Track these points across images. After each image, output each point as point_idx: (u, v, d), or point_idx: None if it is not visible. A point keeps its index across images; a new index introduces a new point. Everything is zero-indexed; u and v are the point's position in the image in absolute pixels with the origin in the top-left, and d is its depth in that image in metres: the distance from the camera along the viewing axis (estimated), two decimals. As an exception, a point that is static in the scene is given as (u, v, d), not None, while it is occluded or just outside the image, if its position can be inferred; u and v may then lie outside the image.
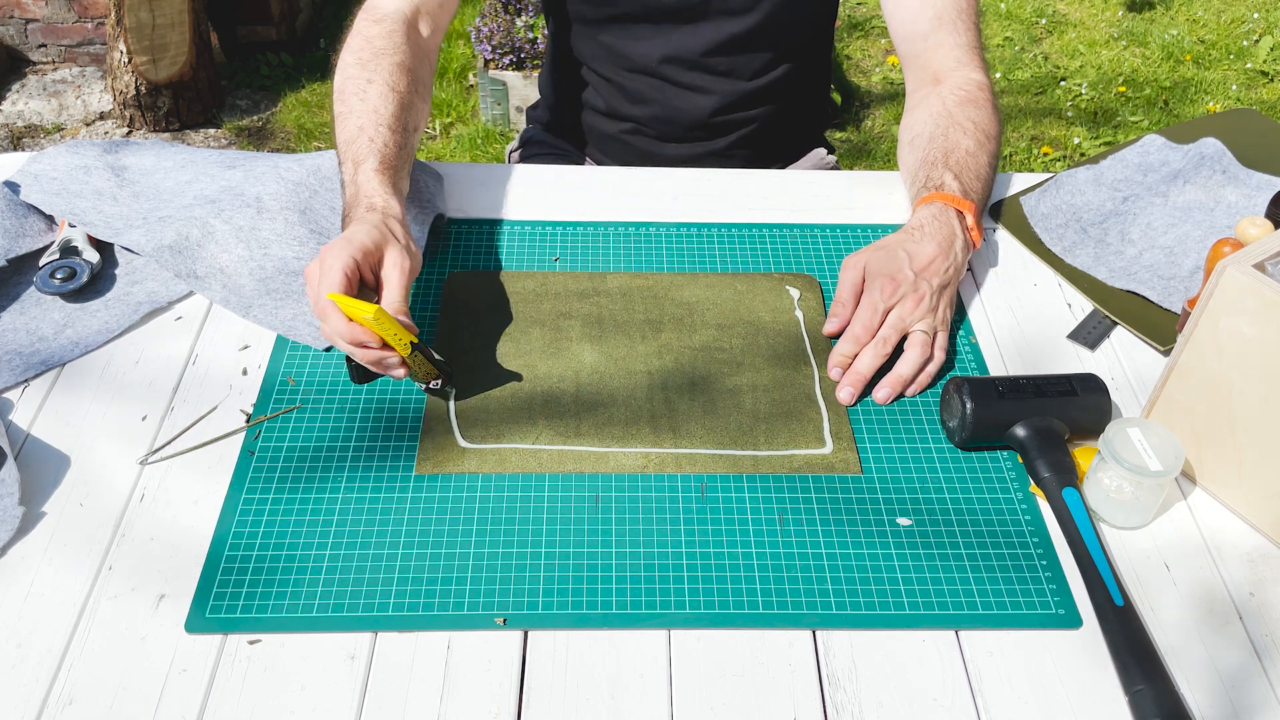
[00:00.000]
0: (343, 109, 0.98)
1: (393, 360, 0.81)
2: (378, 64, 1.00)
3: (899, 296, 0.91)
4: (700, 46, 1.19)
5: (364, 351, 0.80)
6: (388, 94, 0.98)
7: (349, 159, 0.94)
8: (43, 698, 0.67)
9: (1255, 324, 0.73)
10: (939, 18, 1.09)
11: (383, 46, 1.02)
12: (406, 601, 0.73)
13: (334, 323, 0.79)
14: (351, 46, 1.03)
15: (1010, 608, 0.74)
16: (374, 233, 0.84)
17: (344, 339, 0.80)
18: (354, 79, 1.00)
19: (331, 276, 0.80)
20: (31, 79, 2.94)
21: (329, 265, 0.81)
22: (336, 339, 0.81)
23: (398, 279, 0.84)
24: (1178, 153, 1.12)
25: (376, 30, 1.03)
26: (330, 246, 0.82)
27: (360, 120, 0.96)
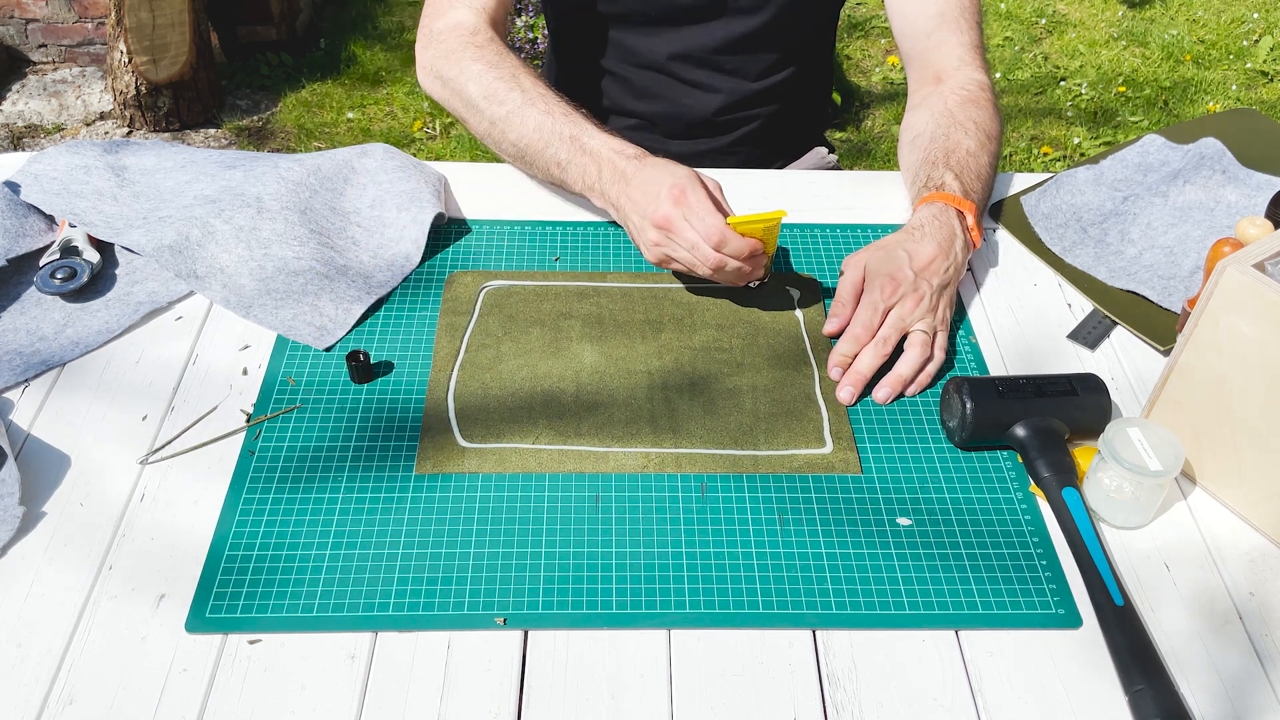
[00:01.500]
0: (502, 110, 1.01)
1: (765, 262, 0.91)
2: (506, 61, 1.04)
3: (899, 296, 0.91)
4: (710, 44, 1.19)
5: (754, 261, 0.88)
6: (538, 82, 1.02)
7: (555, 139, 0.98)
8: (43, 698, 0.67)
9: (1255, 324, 0.73)
10: (941, 16, 1.09)
11: (497, 51, 1.06)
12: (406, 601, 0.73)
13: (736, 244, 0.86)
14: (466, 57, 1.05)
15: (1010, 608, 0.74)
16: (683, 168, 0.91)
17: (743, 255, 0.87)
18: (499, 79, 1.02)
19: (709, 206, 0.87)
20: (31, 79, 2.94)
21: (699, 200, 0.87)
22: (729, 262, 0.87)
23: (722, 196, 0.92)
24: (1178, 153, 1.12)
25: (480, 39, 1.07)
26: (680, 188, 0.88)
27: (540, 105, 1.00)
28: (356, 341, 0.92)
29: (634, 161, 0.94)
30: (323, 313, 0.94)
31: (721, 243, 0.86)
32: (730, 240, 0.86)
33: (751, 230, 0.87)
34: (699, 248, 0.87)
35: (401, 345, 0.92)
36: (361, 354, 0.87)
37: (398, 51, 3.13)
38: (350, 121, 2.86)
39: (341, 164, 1.07)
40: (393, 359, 0.91)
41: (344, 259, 0.99)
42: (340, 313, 0.94)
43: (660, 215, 0.88)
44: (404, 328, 0.94)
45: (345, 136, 2.81)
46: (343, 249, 1.00)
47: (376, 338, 0.93)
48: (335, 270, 0.97)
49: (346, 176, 1.06)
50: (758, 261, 0.90)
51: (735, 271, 0.89)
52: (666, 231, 0.88)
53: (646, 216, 0.90)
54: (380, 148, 1.09)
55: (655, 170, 0.91)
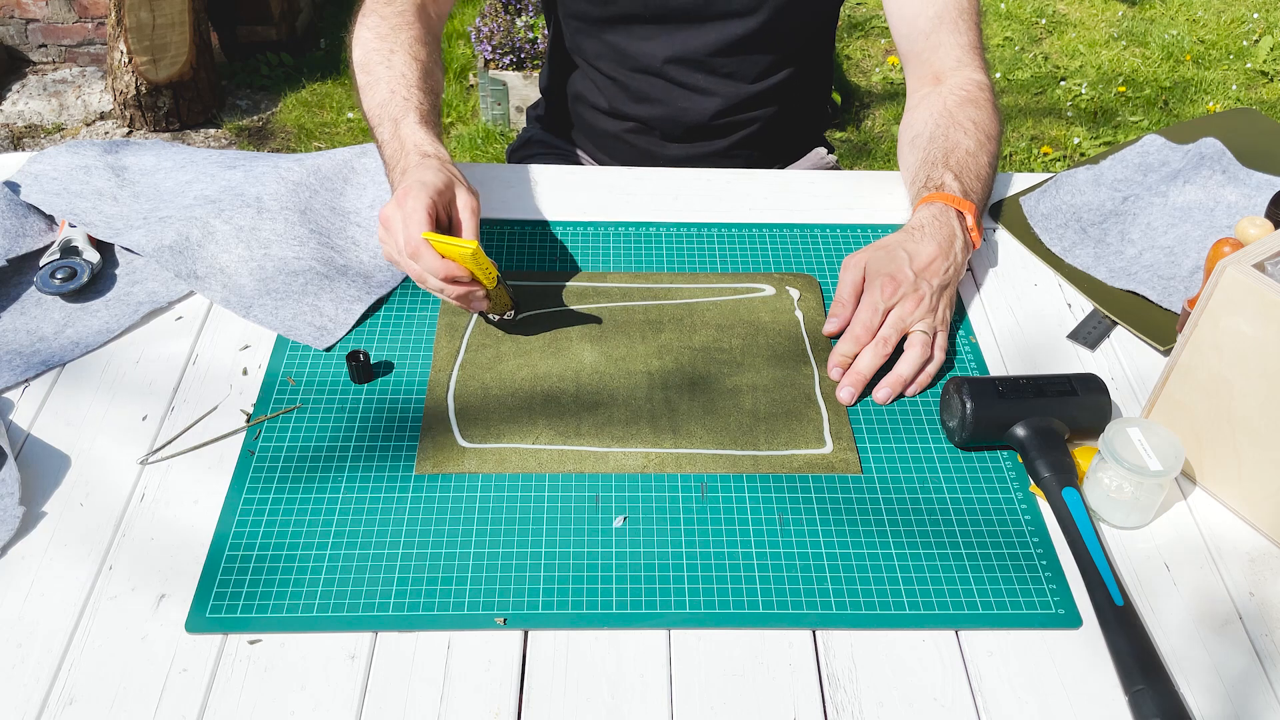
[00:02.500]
0: (367, 79, 1.02)
1: (479, 294, 0.87)
2: (397, 37, 1.04)
3: (899, 296, 0.91)
4: (705, 47, 1.19)
5: (454, 287, 0.84)
6: (411, 62, 1.02)
7: (385, 119, 0.98)
8: (43, 698, 0.67)
9: (1255, 324, 0.73)
10: (940, 17, 1.09)
11: (398, 23, 1.06)
12: (406, 601, 0.73)
13: (428, 260, 0.83)
14: (367, 24, 1.07)
15: (1010, 608, 0.74)
16: (441, 174, 0.89)
17: (437, 275, 0.84)
18: (376, 50, 1.03)
19: (417, 217, 0.84)
20: (31, 79, 2.94)
21: (411, 208, 0.84)
22: (427, 277, 0.85)
23: (470, 218, 0.89)
24: (1178, 153, 1.12)
25: (389, 10, 1.07)
26: (405, 190, 0.86)
27: (390, 85, 1.00)
28: (356, 341, 0.92)
29: (418, 157, 0.92)
30: (323, 313, 0.94)
31: (415, 254, 0.84)
32: (423, 255, 0.84)
33: (445, 251, 0.83)
34: (401, 253, 0.86)
35: (401, 345, 0.92)
36: (361, 354, 0.87)
37: (398, 51, 3.13)
38: (350, 121, 2.86)
39: (341, 164, 1.07)
40: (393, 359, 0.91)
41: (344, 259, 0.99)
42: (340, 313, 0.94)
43: (382, 213, 0.87)
44: (404, 328, 0.94)
45: (345, 136, 2.81)
46: (343, 249, 1.00)
47: (376, 338, 0.93)
48: (335, 270, 0.97)
49: (346, 176, 1.06)
50: (467, 291, 0.85)
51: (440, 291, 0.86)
52: (384, 229, 0.88)
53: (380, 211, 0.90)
54: (380, 148, 1.09)
55: (416, 171, 0.89)
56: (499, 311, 0.90)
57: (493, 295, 0.88)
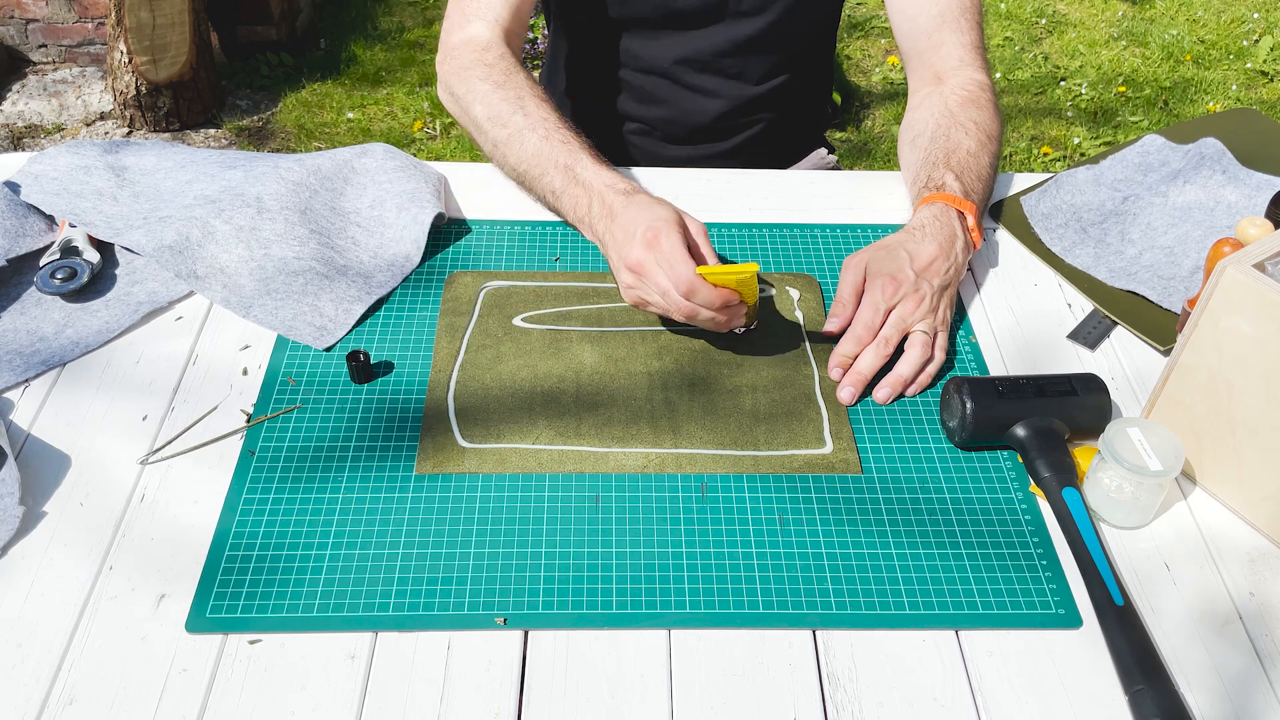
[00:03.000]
0: (505, 132, 1.00)
1: (743, 310, 0.87)
2: (513, 83, 1.03)
3: (900, 297, 0.91)
4: (713, 48, 1.19)
5: (726, 312, 0.85)
6: (542, 104, 1.01)
7: (551, 167, 0.97)
8: (43, 698, 0.67)
9: (1255, 324, 0.73)
10: (942, 16, 1.09)
11: (506, 68, 1.05)
12: (406, 601, 0.73)
13: (705, 294, 0.83)
14: (476, 75, 1.05)
15: (1010, 608, 0.74)
16: (668, 209, 0.89)
17: (716, 305, 0.84)
18: (504, 100, 1.02)
19: (681, 254, 0.84)
20: (31, 79, 2.94)
21: (671, 247, 0.84)
22: (701, 311, 0.84)
23: (706, 243, 0.89)
24: (1178, 153, 1.12)
25: (491, 56, 1.06)
26: (655, 232, 0.85)
27: (539, 131, 0.99)
28: (356, 341, 0.92)
29: (622, 197, 0.92)
30: (323, 313, 0.94)
31: (690, 292, 0.83)
32: (700, 290, 0.83)
33: (723, 281, 0.84)
34: (669, 294, 0.84)
35: (401, 345, 0.92)
36: (361, 354, 0.87)
37: (398, 51, 3.13)
38: (350, 121, 2.86)
39: (341, 164, 1.07)
40: (393, 359, 0.91)
41: (344, 259, 0.99)
42: (340, 313, 0.94)
43: (633, 259, 0.86)
44: (404, 328, 0.94)
45: (345, 136, 2.81)
46: (343, 249, 1.00)
47: (376, 338, 0.93)
48: (335, 270, 0.97)
49: (346, 176, 1.06)
50: (734, 312, 0.86)
51: (710, 320, 0.86)
52: (638, 275, 0.86)
53: (622, 258, 0.88)
54: (380, 148, 1.09)
55: (638, 210, 0.89)
56: (750, 322, 0.90)
57: (750, 310, 0.88)
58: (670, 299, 0.85)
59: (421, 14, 3.32)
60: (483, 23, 1.09)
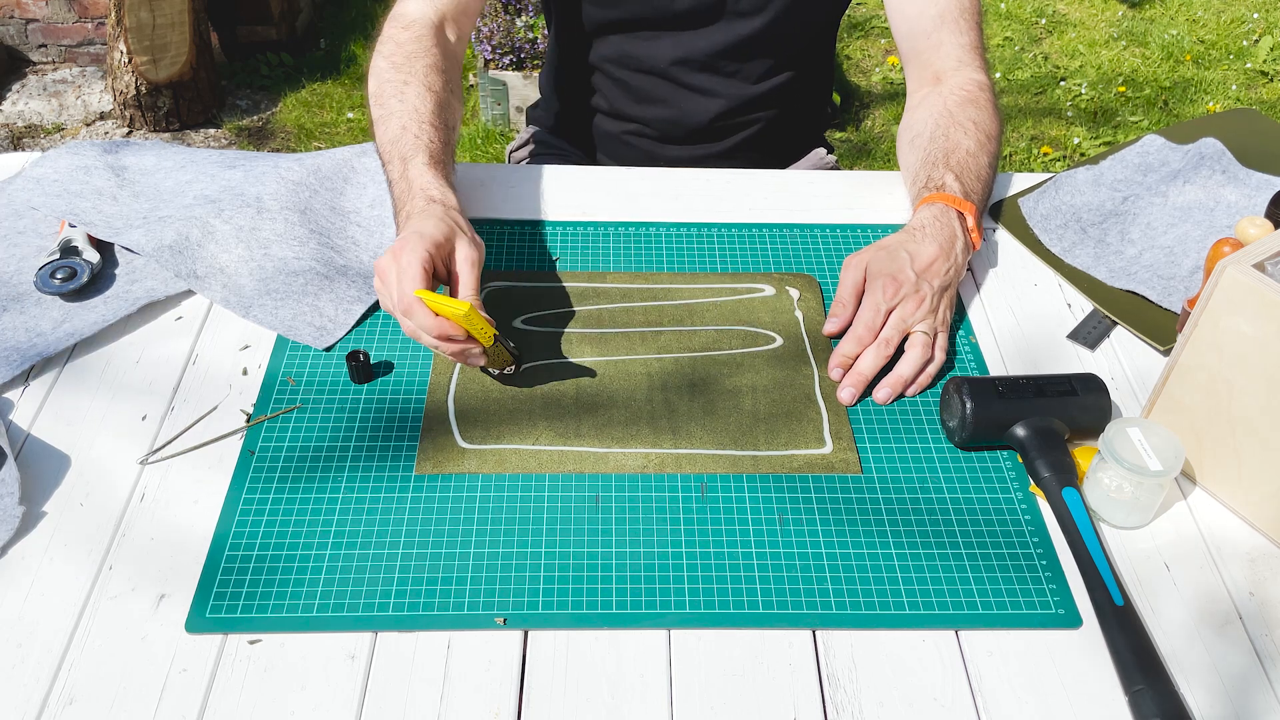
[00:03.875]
0: (381, 111, 0.99)
1: (475, 351, 0.83)
2: (411, 66, 1.01)
3: (901, 297, 0.91)
4: (710, 48, 1.19)
5: (449, 345, 0.81)
6: (425, 93, 0.99)
7: (395, 157, 0.95)
8: (43, 698, 0.67)
9: (1255, 324, 0.73)
10: (941, 17, 1.09)
11: (414, 50, 1.03)
12: (406, 601, 0.73)
13: (420, 319, 0.80)
14: (383, 52, 1.04)
15: (1010, 608, 0.74)
16: (442, 225, 0.85)
17: (431, 334, 0.81)
18: (390, 81, 1.01)
19: (412, 272, 0.81)
20: (31, 79, 2.94)
21: (406, 262, 0.81)
22: (421, 334, 0.82)
23: (469, 271, 0.85)
24: (1178, 153, 1.12)
25: (406, 35, 1.05)
26: (403, 242, 0.83)
27: (402, 120, 0.97)
28: (356, 341, 0.92)
29: (422, 202, 0.89)
30: (323, 313, 0.94)
31: (406, 310, 0.81)
32: (415, 311, 0.80)
33: (439, 310, 0.80)
34: (394, 309, 0.83)
35: (401, 345, 0.92)
36: (361, 354, 0.87)
37: (398, 51, 3.13)
38: (350, 121, 2.86)
39: (341, 164, 1.07)
40: (393, 359, 0.91)
41: (344, 259, 0.99)
42: (340, 313, 0.94)
43: (379, 263, 0.84)
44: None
45: (345, 136, 2.81)
46: (343, 249, 1.00)
47: (376, 338, 0.93)
48: (335, 270, 0.97)
49: (346, 176, 1.06)
50: (463, 348, 0.82)
51: (435, 347, 0.83)
52: (379, 279, 0.84)
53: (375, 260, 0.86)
54: (380, 148, 1.09)
55: (420, 219, 0.86)
56: (497, 367, 0.87)
57: (490, 352, 0.84)
58: (395, 313, 0.83)
59: None
60: (420, 1, 1.08)
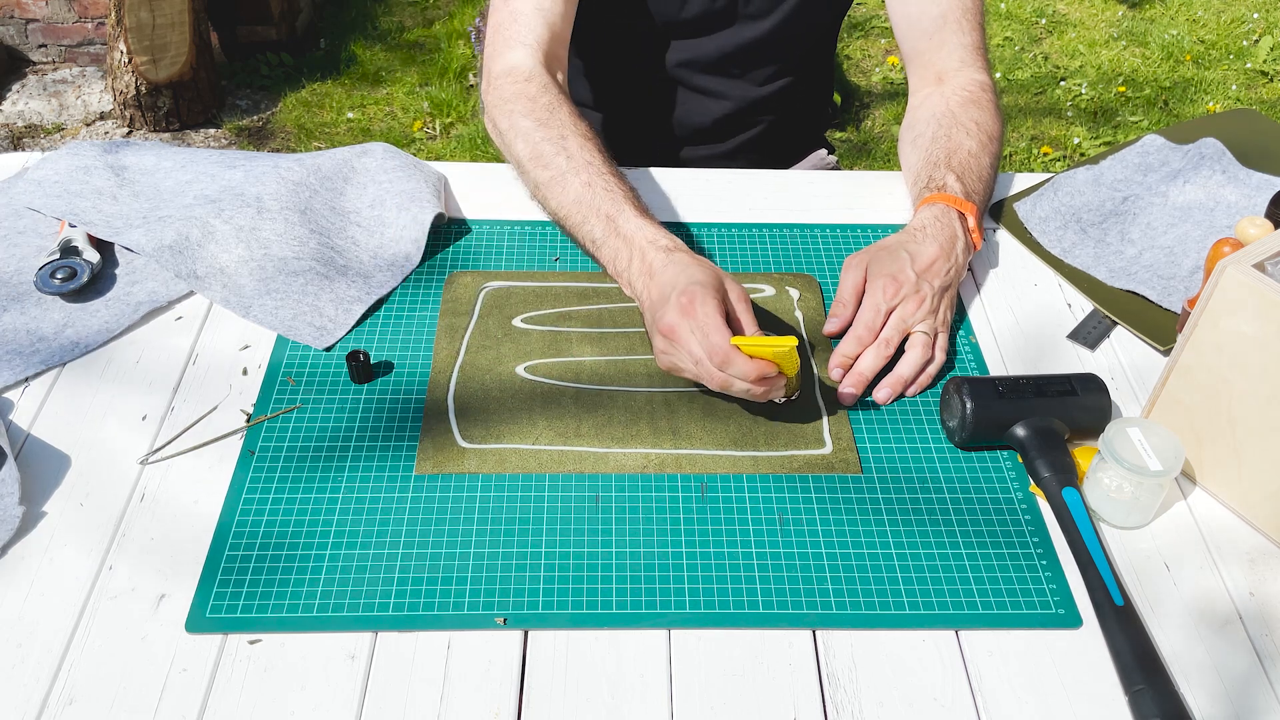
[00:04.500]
0: (548, 174, 0.96)
1: (782, 382, 0.82)
2: (556, 119, 0.98)
3: (901, 297, 0.91)
4: (718, 52, 1.18)
5: (762, 385, 0.80)
6: (586, 144, 0.97)
7: (593, 215, 0.93)
8: (43, 698, 0.67)
9: (1255, 324, 0.73)
10: (944, 17, 1.09)
11: (549, 101, 1.00)
12: (406, 601, 0.73)
13: (740, 366, 0.79)
14: (518, 110, 1.00)
15: (1010, 608, 0.74)
16: (709, 272, 0.84)
17: (751, 378, 0.79)
18: (546, 139, 0.97)
19: (715, 323, 0.79)
20: (31, 79, 2.94)
21: (706, 315, 0.80)
22: (734, 382, 0.80)
23: (746, 308, 0.84)
24: (1178, 153, 1.12)
25: (533, 88, 1.01)
26: (690, 297, 0.81)
27: (582, 176, 0.94)
28: (356, 341, 0.92)
29: (662, 255, 0.87)
30: (323, 313, 0.94)
31: (725, 363, 0.79)
32: (735, 361, 0.79)
33: (759, 353, 0.79)
34: (703, 363, 0.80)
35: (401, 345, 0.92)
36: (361, 354, 0.87)
37: (398, 51, 3.13)
38: (350, 121, 2.86)
39: (341, 164, 1.07)
40: (393, 359, 0.91)
41: (344, 259, 0.99)
42: (340, 313, 0.94)
43: (666, 323, 0.81)
44: (404, 328, 0.94)
45: (345, 136, 2.81)
46: (343, 249, 1.00)
47: (376, 338, 0.93)
48: (335, 270, 0.97)
49: (346, 176, 1.06)
50: (773, 384, 0.81)
51: (745, 392, 0.81)
52: (671, 340, 0.82)
53: (655, 321, 0.84)
54: (380, 147, 1.09)
55: (677, 270, 0.85)
56: (791, 393, 0.85)
57: (790, 381, 0.83)
58: (703, 368, 0.81)
59: (421, 14, 3.32)
60: (524, 49, 1.04)
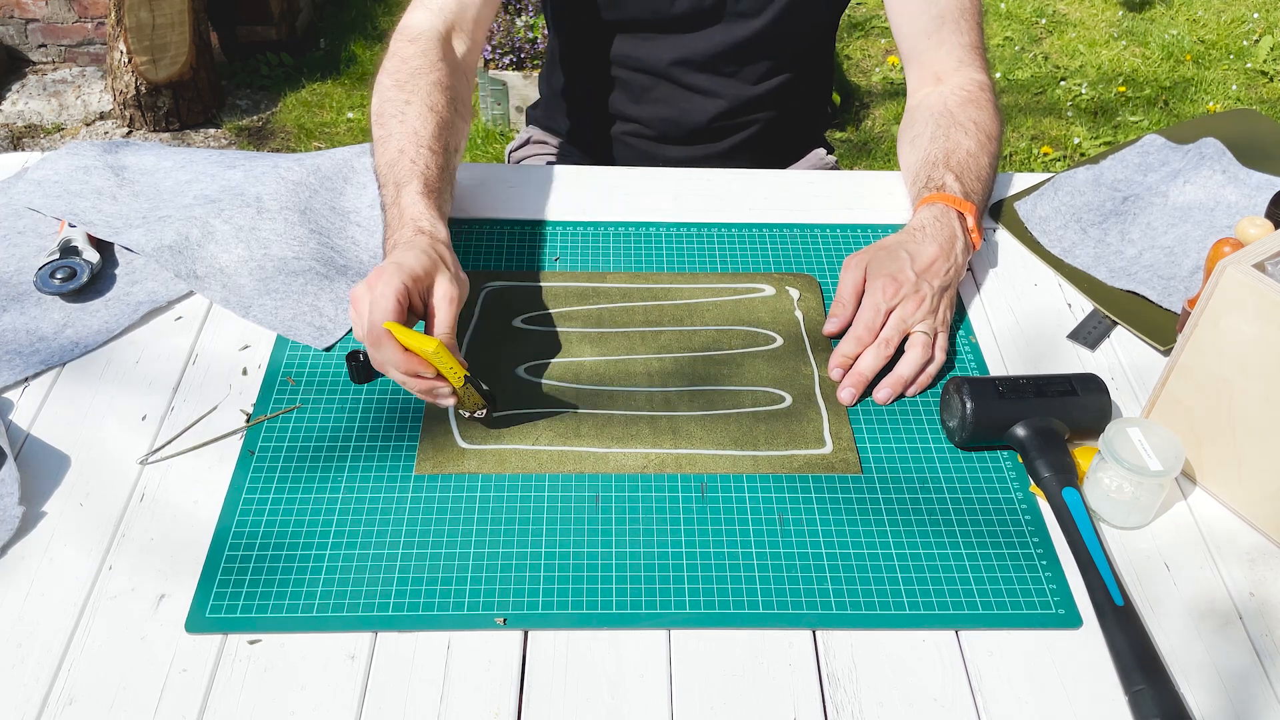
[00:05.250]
0: (381, 132, 0.96)
1: (444, 390, 0.80)
2: (414, 84, 0.98)
3: (901, 297, 0.91)
4: (710, 49, 1.18)
5: (417, 381, 0.79)
6: (426, 114, 0.96)
7: (390, 182, 0.92)
8: (43, 698, 0.67)
9: (1255, 324, 0.73)
10: (942, 16, 1.09)
11: (419, 66, 0.99)
12: (406, 601, 0.73)
13: (388, 352, 0.78)
14: (387, 68, 1.00)
15: (1010, 608, 0.74)
16: (424, 258, 0.82)
17: (398, 368, 0.79)
18: (391, 101, 0.97)
19: (384, 304, 0.78)
20: (31, 79, 2.94)
21: (380, 292, 0.78)
22: (389, 368, 0.79)
23: (447, 308, 0.82)
24: (1178, 153, 1.12)
25: (411, 50, 1.01)
26: (380, 271, 0.80)
27: (400, 143, 0.94)
28: (356, 342, 0.92)
29: (411, 233, 0.86)
30: (323, 313, 0.94)
31: (375, 342, 0.78)
32: (384, 345, 0.77)
33: (409, 344, 0.77)
34: (363, 338, 0.80)
35: (401, 345, 0.92)
36: (361, 354, 0.87)
37: (398, 51, 3.13)
38: (350, 121, 2.86)
39: (341, 163, 1.07)
40: (393, 359, 0.91)
41: (344, 259, 0.99)
42: (340, 313, 0.94)
43: (354, 291, 0.81)
44: (404, 328, 0.94)
45: (345, 136, 2.81)
46: (343, 249, 1.00)
47: (376, 338, 0.93)
48: (335, 270, 0.97)
49: (346, 176, 1.06)
50: (431, 386, 0.80)
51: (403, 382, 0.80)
52: (353, 308, 0.81)
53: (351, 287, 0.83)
54: (380, 148, 1.09)
55: (404, 250, 0.83)
56: (469, 410, 0.83)
57: (460, 393, 0.81)
58: (363, 342, 0.81)
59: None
60: (425, 10, 1.05)
